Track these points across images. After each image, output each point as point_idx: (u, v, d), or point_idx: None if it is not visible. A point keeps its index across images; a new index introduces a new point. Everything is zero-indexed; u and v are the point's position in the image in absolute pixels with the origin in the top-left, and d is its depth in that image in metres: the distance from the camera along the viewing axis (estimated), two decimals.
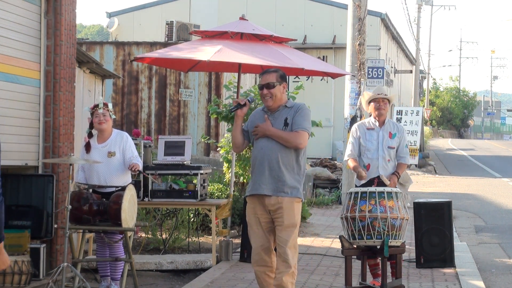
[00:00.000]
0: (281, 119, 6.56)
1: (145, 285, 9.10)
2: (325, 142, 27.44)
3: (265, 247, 6.55)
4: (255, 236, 6.61)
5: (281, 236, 6.48)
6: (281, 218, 6.47)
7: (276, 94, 6.55)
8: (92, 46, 19.61)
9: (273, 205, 6.48)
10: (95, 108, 8.27)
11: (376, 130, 8.48)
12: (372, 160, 8.40)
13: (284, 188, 6.47)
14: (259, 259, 6.56)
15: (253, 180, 6.61)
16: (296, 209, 6.53)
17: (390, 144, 8.47)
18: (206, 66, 10.87)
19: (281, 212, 6.46)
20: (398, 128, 8.56)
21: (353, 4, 14.07)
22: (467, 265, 10.01)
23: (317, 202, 17.42)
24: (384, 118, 8.53)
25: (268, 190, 6.48)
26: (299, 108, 6.59)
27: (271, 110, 6.62)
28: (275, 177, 6.47)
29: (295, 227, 6.50)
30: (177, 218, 11.28)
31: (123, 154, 8.25)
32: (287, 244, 6.44)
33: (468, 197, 20.18)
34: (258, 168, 6.55)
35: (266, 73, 6.65)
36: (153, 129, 19.29)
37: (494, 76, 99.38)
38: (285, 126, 6.53)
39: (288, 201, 6.47)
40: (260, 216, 6.56)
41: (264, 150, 6.51)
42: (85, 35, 52.35)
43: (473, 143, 58.29)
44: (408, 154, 8.65)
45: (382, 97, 8.49)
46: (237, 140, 6.70)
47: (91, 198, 7.94)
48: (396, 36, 35.84)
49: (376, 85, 24.31)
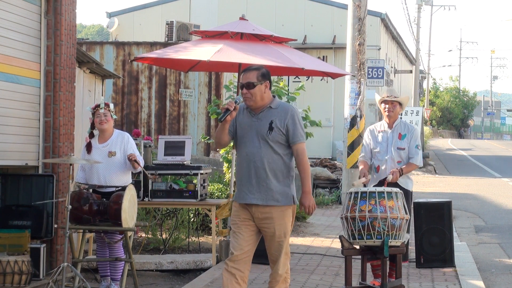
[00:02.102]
0: (266, 122, 6.19)
1: (145, 285, 9.11)
2: (325, 142, 27.42)
3: (242, 252, 6.23)
4: (235, 239, 6.27)
5: (272, 246, 6.23)
6: (271, 229, 6.18)
7: (256, 94, 6.16)
8: (92, 46, 19.61)
9: (262, 213, 6.18)
10: (96, 108, 8.28)
11: (386, 132, 8.56)
12: (381, 162, 8.49)
13: (273, 196, 6.15)
14: (234, 266, 6.22)
15: (239, 188, 6.28)
16: (287, 217, 6.22)
17: (400, 145, 8.51)
18: (206, 66, 10.87)
19: (271, 222, 6.17)
20: (408, 128, 8.58)
21: (353, 4, 14.07)
22: (467, 265, 10.01)
23: (317, 202, 17.41)
24: (394, 119, 8.58)
25: (256, 200, 6.17)
26: (291, 115, 6.21)
27: (254, 111, 6.26)
28: (263, 185, 6.14)
29: (286, 236, 6.24)
30: (177, 218, 11.29)
31: (124, 154, 8.25)
32: (280, 254, 6.22)
33: (468, 197, 20.18)
34: (245, 176, 6.21)
35: (247, 71, 6.25)
36: (153, 129, 19.29)
37: (494, 76, 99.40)
38: (270, 130, 6.16)
39: (277, 210, 6.17)
40: (244, 220, 6.25)
41: (249, 157, 6.18)
42: (85, 35, 52.37)
43: (473, 143, 58.29)
44: (419, 155, 8.53)
45: (392, 99, 8.53)
46: (223, 141, 6.33)
47: (91, 198, 7.94)
48: (396, 36, 35.82)
49: (378, 86, 24.37)
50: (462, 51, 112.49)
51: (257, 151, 6.17)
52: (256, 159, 6.16)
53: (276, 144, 6.20)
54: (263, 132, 6.18)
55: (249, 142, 6.22)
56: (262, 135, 6.18)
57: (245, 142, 6.24)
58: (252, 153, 6.17)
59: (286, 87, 12.91)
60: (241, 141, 6.29)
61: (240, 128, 6.29)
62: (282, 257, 6.24)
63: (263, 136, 6.18)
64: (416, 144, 8.55)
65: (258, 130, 6.20)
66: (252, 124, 6.24)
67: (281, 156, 6.21)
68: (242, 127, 6.28)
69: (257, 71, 6.24)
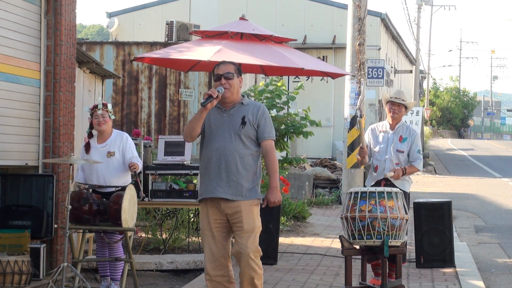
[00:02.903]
0: (238, 117, 6.19)
1: (145, 285, 9.11)
2: (325, 142, 27.42)
3: (220, 256, 6.18)
4: (208, 244, 6.20)
5: (241, 242, 6.11)
6: (240, 223, 6.12)
7: (234, 86, 6.18)
8: (92, 46, 19.60)
9: (231, 208, 6.14)
10: (94, 109, 8.28)
11: (388, 133, 8.56)
12: (380, 162, 8.50)
13: (242, 192, 6.13)
14: (214, 272, 6.17)
15: (207, 182, 6.19)
16: (255, 212, 6.19)
17: (399, 147, 8.51)
18: (206, 66, 10.86)
19: (239, 216, 6.12)
20: (410, 132, 8.58)
21: (353, 4, 14.06)
22: (467, 265, 10.01)
23: (317, 202, 17.42)
24: (397, 121, 8.59)
25: (225, 194, 6.13)
26: (263, 112, 6.24)
27: (226, 106, 6.23)
28: (233, 180, 6.12)
29: (255, 231, 6.16)
30: (177, 218, 11.28)
31: (122, 154, 8.26)
32: (249, 249, 6.09)
33: (468, 197, 20.18)
34: (214, 169, 6.14)
35: (222, 64, 6.27)
36: (153, 129, 19.28)
37: (494, 76, 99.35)
38: (242, 124, 6.15)
39: (246, 204, 6.13)
40: (214, 221, 6.20)
41: (220, 151, 6.14)
42: (85, 35, 52.35)
43: (473, 143, 58.30)
44: (421, 160, 8.55)
45: (399, 101, 8.54)
46: (194, 132, 6.19)
47: (91, 198, 7.95)
48: (396, 36, 35.83)
49: (378, 86, 24.37)
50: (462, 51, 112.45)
51: (228, 145, 6.14)
52: (227, 153, 6.13)
53: (248, 139, 6.19)
54: (235, 127, 6.16)
55: (220, 137, 6.18)
56: (235, 130, 6.17)
57: (215, 137, 6.20)
58: (224, 147, 6.14)
59: (285, 86, 12.92)
60: (210, 137, 6.23)
61: (209, 125, 6.24)
62: (254, 253, 6.12)
63: (235, 131, 6.17)
64: (418, 149, 8.56)
65: (230, 125, 6.18)
66: (223, 120, 6.22)
67: (252, 152, 6.21)
68: (211, 124, 6.24)
69: (233, 65, 6.29)
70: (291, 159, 11.60)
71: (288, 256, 10.51)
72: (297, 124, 11.93)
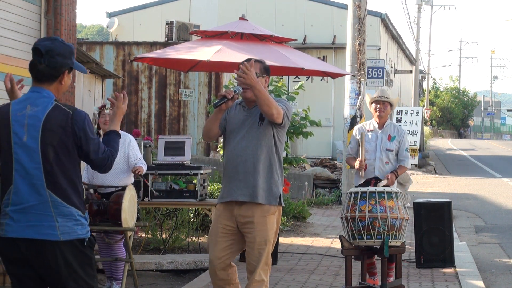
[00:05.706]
0: (257, 115, 5.90)
1: (145, 285, 9.11)
2: (325, 142, 27.43)
3: (222, 262, 5.92)
4: (213, 247, 5.95)
5: (252, 254, 5.86)
6: (251, 234, 5.84)
7: None
8: (92, 46, 19.62)
9: (244, 217, 5.87)
10: (102, 108, 8.30)
11: (376, 132, 8.51)
12: (369, 161, 8.43)
13: (258, 193, 5.84)
14: (217, 277, 5.96)
15: (226, 185, 5.98)
16: (270, 224, 5.87)
17: (388, 146, 8.48)
18: (206, 66, 10.87)
19: (252, 227, 5.84)
20: (398, 131, 8.55)
21: (353, 4, 14.07)
22: (467, 265, 10.01)
23: (317, 202, 17.42)
24: (384, 120, 8.55)
25: (243, 196, 5.86)
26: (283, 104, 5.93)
27: (248, 105, 5.98)
28: (250, 180, 5.85)
29: (267, 244, 5.86)
30: (177, 218, 11.29)
31: (125, 155, 8.25)
32: (259, 263, 5.83)
33: (468, 197, 20.18)
34: (232, 171, 5.92)
35: (248, 61, 5.91)
36: (153, 129, 19.30)
37: (494, 76, 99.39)
38: (261, 121, 5.89)
39: (260, 215, 5.85)
40: (223, 227, 5.94)
41: (236, 151, 5.91)
42: (85, 35, 52.39)
43: (473, 143, 58.31)
44: (409, 158, 8.56)
45: (383, 99, 8.51)
46: (212, 133, 5.99)
47: (91, 198, 7.95)
48: (396, 36, 35.84)
49: (378, 86, 24.37)
50: (462, 51, 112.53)
51: (245, 144, 5.89)
52: (243, 153, 5.88)
53: (265, 137, 5.92)
54: (254, 126, 5.92)
55: (238, 136, 5.94)
56: (254, 129, 5.93)
57: (234, 136, 5.96)
58: (240, 146, 5.90)
59: (285, 86, 12.90)
60: (230, 136, 6.01)
61: (230, 124, 6.02)
62: (263, 266, 5.87)
63: (254, 129, 5.93)
64: (406, 147, 8.55)
65: (250, 124, 5.94)
66: (245, 119, 5.97)
67: (270, 151, 5.92)
68: (233, 122, 6.01)
69: (261, 64, 6.02)
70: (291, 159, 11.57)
71: (288, 256, 10.51)
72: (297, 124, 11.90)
